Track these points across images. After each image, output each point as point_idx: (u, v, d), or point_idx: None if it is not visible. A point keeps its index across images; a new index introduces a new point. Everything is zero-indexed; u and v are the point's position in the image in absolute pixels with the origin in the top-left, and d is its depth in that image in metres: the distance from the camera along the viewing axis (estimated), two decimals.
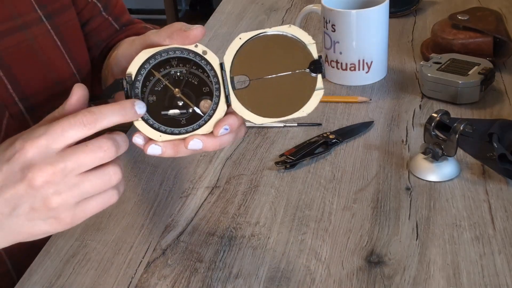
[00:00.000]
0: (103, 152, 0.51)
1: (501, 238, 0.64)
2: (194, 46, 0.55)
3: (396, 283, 0.60)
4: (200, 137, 0.55)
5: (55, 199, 0.50)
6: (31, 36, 0.74)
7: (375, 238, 0.66)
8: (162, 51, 0.55)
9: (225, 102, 0.55)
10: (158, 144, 0.55)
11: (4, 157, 0.50)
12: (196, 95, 0.55)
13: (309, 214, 0.70)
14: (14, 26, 0.72)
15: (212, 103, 0.55)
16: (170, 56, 0.55)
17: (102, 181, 0.52)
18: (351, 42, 0.93)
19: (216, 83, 0.55)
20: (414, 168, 0.75)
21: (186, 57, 0.55)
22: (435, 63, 0.91)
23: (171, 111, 0.55)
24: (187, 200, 0.75)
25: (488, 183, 0.72)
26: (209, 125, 0.55)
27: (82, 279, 0.64)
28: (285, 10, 1.29)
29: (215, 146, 0.56)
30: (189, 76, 0.55)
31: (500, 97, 0.89)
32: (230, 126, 0.55)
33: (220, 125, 0.55)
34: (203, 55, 0.55)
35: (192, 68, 0.55)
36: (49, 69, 0.76)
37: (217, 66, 0.55)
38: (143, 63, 0.55)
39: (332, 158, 0.80)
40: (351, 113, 0.89)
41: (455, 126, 0.71)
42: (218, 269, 0.64)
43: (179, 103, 0.55)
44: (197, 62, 0.55)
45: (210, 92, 0.55)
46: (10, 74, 0.71)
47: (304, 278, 0.62)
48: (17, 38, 0.72)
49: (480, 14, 1.01)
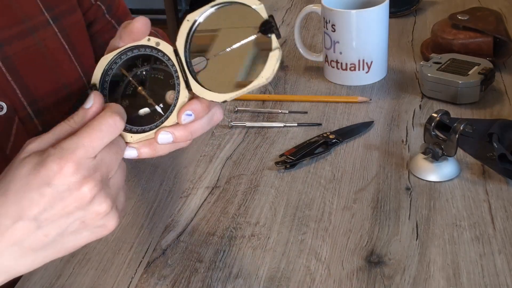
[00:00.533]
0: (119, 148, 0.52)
1: (501, 238, 0.64)
2: (147, 40, 0.54)
3: (396, 283, 0.60)
4: (168, 129, 0.53)
5: (104, 207, 0.50)
6: (39, 39, 0.74)
7: (375, 238, 0.66)
8: (118, 53, 0.54)
9: (186, 88, 0.53)
10: (132, 146, 0.54)
11: (41, 181, 0.48)
12: (163, 89, 0.54)
13: (309, 214, 0.70)
14: (23, 30, 0.72)
15: (175, 92, 0.53)
16: (129, 56, 0.54)
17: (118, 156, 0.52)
18: (351, 42, 0.93)
19: (175, 72, 0.53)
20: (414, 168, 0.75)
21: (148, 54, 0.54)
22: (435, 63, 0.91)
23: (142, 111, 0.54)
24: (187, 200, 0.75)
25: (488, 183, 0.72)
26: (174, 115, 0.53)
27: (82, 279, 0.64)
28: (285, 10, 1.29)
29: (186, 136, 0.54)
30: (154, 72, 0.54)
31: (500, 97, 0.89)
32: (193, 111, 0.52)
33: (181, 112, 0.52)
34: (157, 47, 0.53)
35: (156, 64, 0.54)
36: (57, 72, 0.76)
37: (171, 54, 0.53)
38: (104, 71, 0.55)
39: (332, 158, 0.80)
40: (351, 113, 0.89)
41: (455, 126, 0.71)
42: (218, 269, 0.64)
43: (148, 101, 0.54)
44: (156, 56, 0.54)
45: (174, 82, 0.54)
46: (19, 78, 0.72)
47: (304, 278, 0.62)
48: (26, 43, 0.72)
49: (480, 14, 1.01)
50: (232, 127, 0.88)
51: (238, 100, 0.95)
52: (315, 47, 1.11)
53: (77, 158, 0.48)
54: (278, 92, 0.97)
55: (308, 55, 1.02)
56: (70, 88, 0.78)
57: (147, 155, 0.55)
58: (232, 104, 0.94)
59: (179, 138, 0.53)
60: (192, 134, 0.54)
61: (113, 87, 0.55)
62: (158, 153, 0.55)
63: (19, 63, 0.71)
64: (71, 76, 0.78)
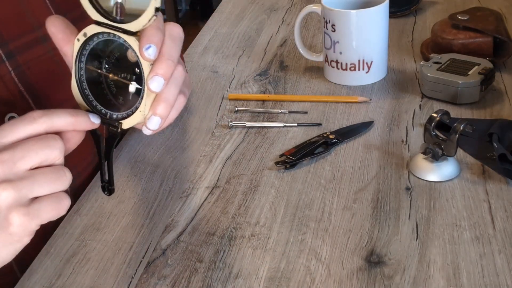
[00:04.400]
0: (49, 149, 0.50)
1: (501, 238, 0.64)
2: (77, 41, 0.55)
3: (396, 283, 0.60)
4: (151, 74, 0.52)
5: (5, 186, 0.47)
6: (51, 47, 0.73)
7: (375, 238, 0.66)
8: (76, 68, 0.56)
9: (128, 35, 0.53)
10: (149, 117, 0.54)
11: None
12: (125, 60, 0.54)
13: (309, 214, 0.70)
14: (35, 38, 0.72)
15: (130, 48, 0.53)
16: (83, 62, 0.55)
17: (55, 175, 0.50)
18: (351, 42, 0.93)
19: (113, 35, 0.53)
20: (414, 168, 0.75)
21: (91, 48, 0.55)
22: (435, 63, 0.91)
23: (131, 89, 0.54)
24: (187, 200, 0.75)
25: (488, 183, 0.72)
26: (143, 61, 0.52)
27: (82, 279, 0.64)
28: (285, 10, 1.29)
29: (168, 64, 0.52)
30: (112, 59, 0.55)
31: (500, 97, 0.89)
32: (147, 42, 0.51)
33: (141, 50, 0.51)
34: (87, 37, 0.54)
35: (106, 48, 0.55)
36: (68, 80, 0.76)
37: (99, 29, 0.53)
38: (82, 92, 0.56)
39: (332, 158, 0.80)
40: (351, 113, 0.89)
41: (455, 126, 0.71)
42: (218, 269, 0.64)
43: (126, 78, 0.54)
44: (100, 43, 0.54)
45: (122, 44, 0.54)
46: (31, 88, 0.71)
47: (304, 278, 0.62)
48: (37, 51, 0.72)
49: (480, 14, 1.01)
50: (232, 127, 0.88)
51: (238, 100, 0.95)
52: (315, 47, 1.11)
53: None
54: (278, 92, 0.97)
55: (308, 55, 1.02)
56: None
57: (166, 109, 0.54)
58: (232, 104, 0.94)
59: (165, 71, 0.52)
60: (170, 58, 0.53)
61: (100, 97, 0.56)
62: (170, 100, 0.54)
63: (30, 72, 0.71)
64: None
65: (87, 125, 0.54)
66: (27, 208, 0.49)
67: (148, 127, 0.54)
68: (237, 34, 1.19)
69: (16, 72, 0.69)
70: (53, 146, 0.51)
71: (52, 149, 0.50)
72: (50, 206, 0.50)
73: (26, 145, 0.49)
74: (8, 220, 0.48)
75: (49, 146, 0.50)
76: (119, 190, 0.77)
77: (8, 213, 0.48)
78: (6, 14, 0.69)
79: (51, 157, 0.50)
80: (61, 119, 0.52)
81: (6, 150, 0.49)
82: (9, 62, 0.69)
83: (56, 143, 0.51)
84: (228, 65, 1.07)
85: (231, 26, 1.23)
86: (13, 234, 0.49)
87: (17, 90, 0.70)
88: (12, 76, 0.69)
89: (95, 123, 0.54)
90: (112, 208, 0.74)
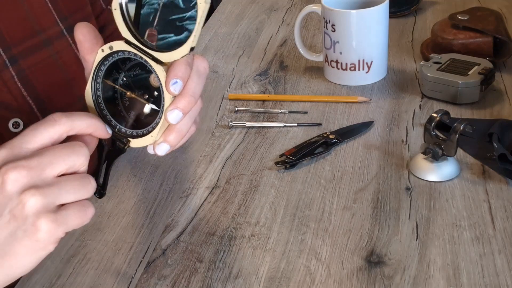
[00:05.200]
0: (76, 155, 0.50)
1: (501, 238, 0.64)
2: (101, 52, 0.54)
3: (396, 283, 0.60)
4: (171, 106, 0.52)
5: (33, 192, 0.47)
6: (54, 51, 0.73)
7: (375, 238, 0.66)
8: (94, 76, 0.55)
9: (157, 63, 0.52)
10: (159, 143, 0.54)
11: None
12: (147, 80, 0.54)
13: (309, 214, 0.70)
14: (38, 42, 0.72)
15: (154, 73, 0.53)
16: (101, 76, 0.55)
17: (81, 183, 0.50)
18: (351, 42, 0.93)
19: (140, 58, 0.53)
20: (414, 168, 0.75)
21: (112, 62, 0.55)
22: (435, 63, 0.91)
23: (146, 110, 0.54)
24: (187, 200, 0.75)
25: (488, 183, 0.72)
26: (166, 93, 0.52)
27: (82, 279, 0.64)
28: (285, 10, 1.29)
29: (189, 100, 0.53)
30: (130, 73, 0.55)
31: (500, 97, 0.89)
32: (175, 77, 0.52)
33: (167, 84, 0.52)
34: (113, 50, 0.54)
35: (126, 64, 0.55)
36: (71, 85, 0.76)
37: (126, 46, 0.53)
38: (95, 100, 0.56)
39: (332, 158, 0.80)
40: (351, 113, 0.89)
41: (455, 126, 0.71)
42: (218, 269, 0.64)
43: (143, 99, 0.54)
44: (119, 59, 0.54)
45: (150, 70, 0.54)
46: (34, 93, 0.71)
47: (304, 278, 0.62)
48: (41, 55, 0.72)
49: (480, 14, 1.01)
50: (232, 127, 0.88)
51: (238, 100, 0.95)
52: (315, 47, 1.11)
53: (13, 145, 0.48)
54: (278, 92, 0.97)
55: (308, 55, 1.02)
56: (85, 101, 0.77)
57: (177, 139, 0.54)
58: (232, 104, 0.94)
59: (185, 106, 0.53)
60: (193, 95, 0.53)
61: (112, 109, 0.56)
62: (183, 131, 0.55)
63: (33, 77, 0.71)
64: (85, 88, 0.78)
65: (103, 132, 0.53)
66: (54, 215, 0.48)
67: (156, 152, 0.54)
68: (237, 34, 1.19)
69: (20, 77, 0.69)
70: (79, 153, 0.50)
71: (78, 156, 0.50)
72: (76, 214, 0.50)
73: (53, 151, 0.49)
74: (36, 226, 0.48)
75: (75, 153, 0.50)
76: (119, 190, 0.77)
77: (36, 219, 0.47)
78: (9, 18, 0.69)
79: (77, 164, 0.50)
80: (82, 121, 0.52)
81: (34, 156, 0.48)
82: (13, 67, 0.69)
83: (81, 149, 0.51)
84: (228, 65, 1.07)
85: (231, 26, 1.23)
86: (40, 241, 0.48)
87: (21, 95, 0.70)
88: (15, 81, 0.69)
89: (108, 132, 0.54)
90: (112, 208, 0.74)
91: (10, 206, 0.48)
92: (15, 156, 0.48)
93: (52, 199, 0.48)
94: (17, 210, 0.47)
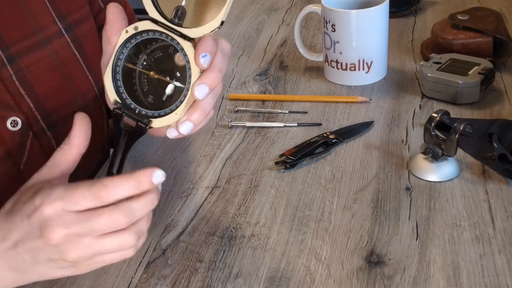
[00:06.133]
0: (115, 223, 0.51)
1: (501, 238, 0.64)
2: (125, 33, 0.55)
3: (396, 283, 0.60)
4: (199, 81, 0.54)
5: (72, 254, 0.51)
6: (52, 51, 0.73)
7: (375, 238, 0.66)
8: (115, 59, 0.56)
9: (185, 40, 0.54)
10: (183, 122, 0.55)
11: (25, 211, 0.52)
12: (170, 61, 0.55)
13: (309, 214, 0.70)
14: (36, 42, 0.72)
15: (180, 51, 0.54)
16: (124, 56, 0.56)
17: (118, 243, 0.52)
18: (351, 42, 0.93)
19: (166, 36, 0.54)
20: (414, 168, 0.75)
21: (136, 44, 0.55)
22: (435, 63, 0.91)
23: (168, 90, 0.55)
24: (187, 200, 0.75)
25: (488, 183, 0.72)
26: (194, 67, 0.54)
27: (82, 279, 0.64)
28: (285, 10, 1.29)
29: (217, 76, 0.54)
30: (152, 55, 0.56)
31: (500, 97, 0.89)
32: (205, 51, 0.53)
33: (197, 57, 0.53)
34: (138, 31, 0.55)
35: (150, 46, 0.55)
36: (70, 84, 0.76)
37: (152, 25, 0.54)
38: (114, 83, 0.56)
39: (332, 158, 0.80)
40: (351, 113, 0.89)
41: (455, 126, 0.71)
42: (218, 269, 0.64)
43: (167, 79, 0.55)
44: (145, 40, 0.55)
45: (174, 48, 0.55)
46: (33, 92, 0.71)
47: (304, 278, 0.62)
48: (38, 55, 0.72)
49: (480, 14, 1.01)
50: (232, 127, 0.88)
51: (238, 100, 0.95)
52: (315, 47, 1.11)
53: (56, 207, 0.50)
54: (278, 92, 0.97)
55: (308, 55, 1.02)
56: (83, 99, 0.77)
57: (200, 117, 0.55)
58: (232, 104, 0.94)
59: (212, 81, 0.54)
60: (220, 71, 0.55)
61: (130, 92, 0.57)
62: (206, 110, 0.56)
63: (31, 76, 0.71)
64: (83, 86, 0.78)
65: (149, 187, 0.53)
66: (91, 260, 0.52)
67: (180, 130, 0.55)
68: (237, 34, 1.19)
69: (18, 76, 0.69)
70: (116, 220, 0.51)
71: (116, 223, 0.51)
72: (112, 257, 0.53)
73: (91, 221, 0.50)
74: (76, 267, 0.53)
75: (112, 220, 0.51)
76: None
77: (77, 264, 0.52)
78: (8, 18, 0.69)
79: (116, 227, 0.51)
80: (123, 194, 0.51)
81: (73, 223, 0.50)
82: (11, 66, 0.69)
83: (119, 217, 0.51)
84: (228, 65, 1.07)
85: (231, 26, 1.23)
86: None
87: (19, 94, 0.70)
88: (13, 80, 0.69)
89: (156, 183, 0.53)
90: None
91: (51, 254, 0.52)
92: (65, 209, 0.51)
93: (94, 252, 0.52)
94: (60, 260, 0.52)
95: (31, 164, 0.70)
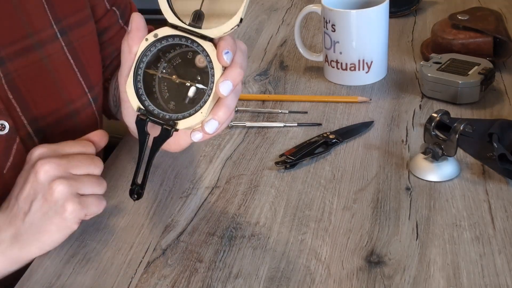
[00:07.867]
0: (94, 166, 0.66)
1: (501, 238, 0.64)
2: (145, 41, 0.56)
3: (396, 283, 0.60)
4: (222, 78, 0.55)
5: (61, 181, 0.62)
6: (44, 55, 0.72)
7: (375, 238, 0.66)
8: (136, 67, 0.57)
9: (205, 40, 0.55)
10: (208, 120, 0.56)
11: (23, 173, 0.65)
12: (190, 65, 0.56)
13: (309, 214, 0.70)
14: (28, 45, 0.71)
15: (202, 52, 0.55)
16: (144, 64, 0.57)
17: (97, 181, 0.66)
18: (351, 42, 0.93)
19: (187, 39, 0.55)
20: (414, 168, 0.75)
21: (157, 51, 0.56)
22: (435, 63, 0.91)
23: (190, 93, 0.56)
24: (187, 200, 0.75)
25: (488, 183, 0.72)
26: (217, 65, 0.55)
27: (82, 279, 0.64)
28: (285, 10, 1.29)
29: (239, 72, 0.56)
30: (173, 61, 0.57)
31: (500, 97, 0.89)
32: (226, 48, 0.55)
33: (220, 55, 0.54)
34: (158, 38, 0.56)
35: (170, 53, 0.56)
36: (60, 90, 0.75)
37: (172, 31, 0.56)
38: (136, 90, 0.57)
39: (332, 158, 0.80)
40: (351, 113, 0.89)
41: (455, 126, 0.71)
42: (218, 269, 0.64)
43: (187, 84, 0.56)
44: (165, 46, 0.56)
45: (195, 51, 0.56)
46: (20, 96, 0.70)
47: (304, 278, 0.62)
48: (29, 59, 0.71)
49: (480, 14, 1.01)
50: (232, 127, 0.88)
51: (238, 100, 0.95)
52: (315, 47, 1.11)
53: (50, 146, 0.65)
54: (278, 92, 0.97)
55: (308, 55, 1.02)
56: (73, 105, 0.76)
57: (225, 115, 0.57)
58: None
59: (235, 77, 0.56)
60: (241, 67, 0.56)
61: (152, 99, 0.58)
62: (231, 107, 0.58)
63: (20, 80, 0.70)
64: (74, 92, 0.77)
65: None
66: (78, 199, 0.63)
67: (206, 129, 0.57)
68: (237, 34, 1.19)
69: (6, 80, 0.69)
70: (97, 165, 0.66)
71: (96, 167, 0.66)
72: (94, 203, 0.65)
73: (79, 158, 0.65)
74: (64, 207, 0.62)
75: (94, 164, 0.66)
76: (119, 190, 0.77)
77: (63, 202, 0.62)
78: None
79: (94, 172, 0.66)
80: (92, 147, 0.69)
81: (64, 158, 0.64)
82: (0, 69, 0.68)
83: (99, 162, 0.67)
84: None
85: None
86: (67, 220, 0.63)
87: (6, 98, 0.69)
88: (2, 83, 0.68)
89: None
90: (112, 208, 0.74)
91: (43, 192, 0.62)
92: (50, 154, 0.64)
93: (75, 189, 0.63)
94: (48, 195, 0.62)
95: (15, 168, 0.70)
